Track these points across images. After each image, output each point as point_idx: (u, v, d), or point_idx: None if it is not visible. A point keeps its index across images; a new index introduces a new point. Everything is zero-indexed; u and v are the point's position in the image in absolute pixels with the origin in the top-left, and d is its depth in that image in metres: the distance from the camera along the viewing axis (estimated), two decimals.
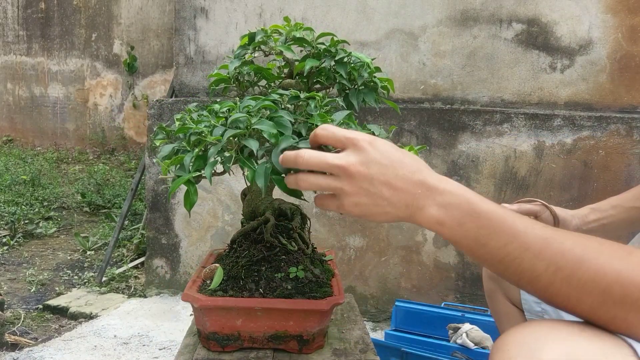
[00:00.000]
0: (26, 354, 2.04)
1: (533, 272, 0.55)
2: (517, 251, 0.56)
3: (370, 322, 2.44)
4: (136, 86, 5.57)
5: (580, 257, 0.53)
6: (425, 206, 0.61)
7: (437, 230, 0.61)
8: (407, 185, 0.63)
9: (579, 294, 0.52)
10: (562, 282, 0.53)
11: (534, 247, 0.55)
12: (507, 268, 0.57)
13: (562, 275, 0.53)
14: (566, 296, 0.53)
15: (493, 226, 0.58)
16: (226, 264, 1.02)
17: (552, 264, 0.54)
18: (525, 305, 1.05)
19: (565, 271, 0.53)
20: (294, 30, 1.02)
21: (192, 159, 0.79)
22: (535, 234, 0.56)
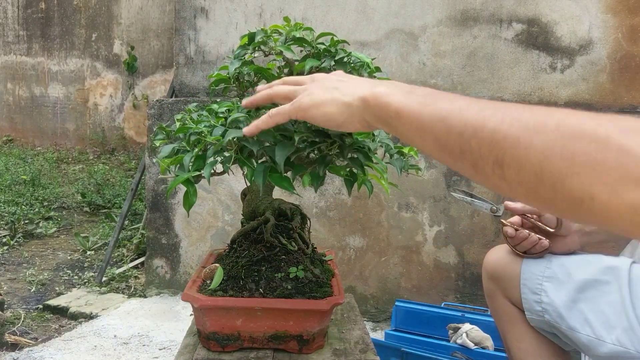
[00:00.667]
0: (26, 354, 2.04)
1: (479, 120, 0.51)
2: (463, 102, 0.54)
3: (370, 322, 2.44)
4: (136, 86, 5.57)
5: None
6: (372, 87, 0.64)
7: (383, 102, 0.62)
8: (358, 79, 0.70)
9: (529, 133, 0.47)
10: (511, 123, 0.49)
11: (479, 103, 0.53)
12: (450, 124, 0.54)
13: (512, 116, 0.50)
14: (515, 138, 0.48)
15: (437, 92, 0.59)
16: (226, 264, 1.02)
17: (499, 109, 0.51)
18: (526, 305, 1.05)
19: (513, 112, 0.50)
20: (294, 30, 1.02)
21: (191, 158, 0.79)
22: (479, 105, 0.54)
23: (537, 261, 1.06)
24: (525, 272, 1.06)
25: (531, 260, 1.07)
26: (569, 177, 0.43)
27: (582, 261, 1.02)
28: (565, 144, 0.44)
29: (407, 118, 0.58)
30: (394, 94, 0.61)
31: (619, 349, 0.90)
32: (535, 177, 0.45)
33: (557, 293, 1.00)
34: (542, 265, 1.05)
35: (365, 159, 0.79)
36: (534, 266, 1.05)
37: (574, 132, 0.44)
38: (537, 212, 1.05)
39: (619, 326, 0.90)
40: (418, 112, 0.58)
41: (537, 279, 1.04)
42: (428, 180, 2.39)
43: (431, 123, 0.56)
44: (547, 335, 1.06)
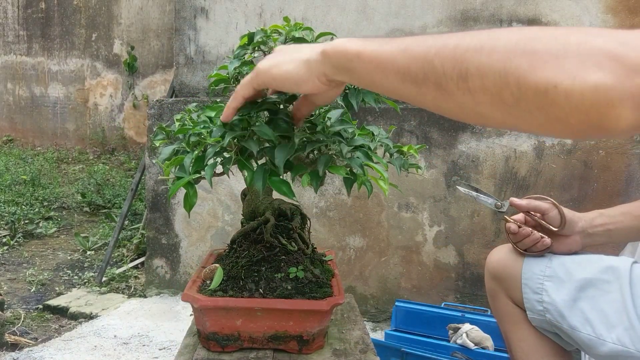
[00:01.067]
0: (26, 354, 2.04)
1: (441, 41, 0.51)
2: (420, 37, 0.54)
3: (370, 322, 2.44)
4: (136, 86, 5.57)
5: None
6: (329, 42, 0.64)
7: (342, 48, 0.61)
8: (314, 44, 0.69)
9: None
10: (472, 36, 0.49)
11: (436, 35, 0.53)
12: (412, 52, 0.54)
13: (471, 33, 0.50)
14: (478, 47, 0.47)
15: (388, 40, 0.58)
16: (226, 264, 1.02)
17: (456, 33, 0.51)
18: (527, 304, 1.06)
19: (472, 32, 0.50)
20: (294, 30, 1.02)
21: (191, 160, 0.79)
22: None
23: (538, 260, 1.06)
24: (526, 271, 1.06)
25: (532, 260, 1.07)
26: (532, 71, 0.43)
27: (583, 260, 1.02)
28: (527, 43, 0.44)
29: (368, 57, 0.58)
30: (352, 41, 0.61)
31: (619, 348, 0.90)
32: (500, 79, 0.45)
33: (558, 292, 1.00)
34: (543, 265, 1.05)
35: (365, 158, 0.79)
36: (535, 266, 1.05)
37: (535, 34, 0.45)
38: (544, 211, 1.05)
39: (619, 325, 0.91)
40: (378, 50, 0.57)
41: (538, 279, 1.04)
42: (428, 180, 2.39)
43: (392, 55, 0.55)
44: (548, 334, 1.07)
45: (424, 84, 0.52)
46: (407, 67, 0.53)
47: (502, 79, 0.45)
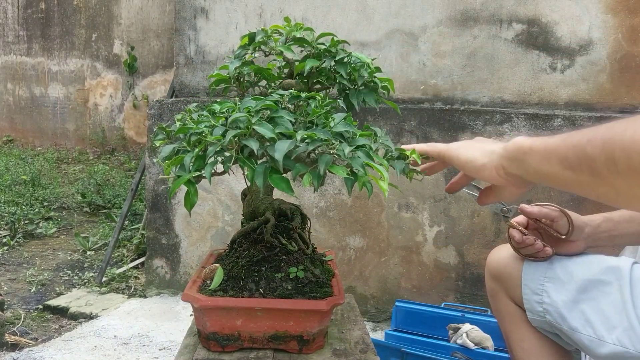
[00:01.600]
0: (26, 354, 2.04)
1: (591, 130, 0.55)
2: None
3: (370, 322, 2.44)
4: (136, 86, 5.57)
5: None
6: (510, 142, 0.73)
7: (520, 143, 0.70)
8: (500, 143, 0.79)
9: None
10: (615, 124, 0.52)
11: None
12: (570, 141, 0.59)
13: (617, 124, 0.53)
14: (621, 130, 0.51)
15: (550, 145, 0.65)
16: (226, 264, 1.02)
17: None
18: (527, 305, 1.05)
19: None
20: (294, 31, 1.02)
21: (192, 159, 0.79)
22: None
23: (538, 262, 1.05)
24: (526, 272, 1.06)
25: (533, 261, 1.07)
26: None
27: (583, 261, 1.02)
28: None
29: (537, 148, 0.66)
30: (529, 138, 0.69)
31: (619, 349, 0.90)
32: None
33: (558, 293, 1.00)
34: (544, 266, 1.05)
35: (366, 158, 0.79)
36: (536, 266, 1.05)
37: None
38: (553, 218, 1.04)
39: (619, 326, 0.91)
40: (545, 142, 0.65)
41: (538, 280, 1.04)
42: (428, 180, 2.39)
43: (555, 145, 0.62)
44: (549, 335, 1.06)
45: (579, 170, 0.57)
46: (566, 155, 0.59)
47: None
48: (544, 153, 0.65)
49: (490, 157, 0.76)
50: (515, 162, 0.71)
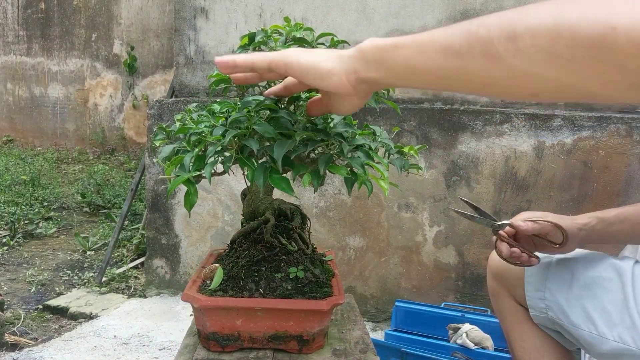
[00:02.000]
0: (26, 354, 2.04)
1: (483, 17, 0.50)
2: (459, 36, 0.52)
3: (370, 322, 2.44)
4: (136, 86, 5.57)
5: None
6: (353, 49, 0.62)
7: (379, 42, 0.59)
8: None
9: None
10: (513, 6, 0.50)
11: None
12: (453, 31, 0.52)
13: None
14: (524, 10, 0.46)
15: (421, 38, 0.56)
16: (226, 264, 1.02)
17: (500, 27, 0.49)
18: (530, 302, 1.06)
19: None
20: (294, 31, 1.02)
21: (192, 159, 0.79)
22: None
23: (540, 259, 1.06)
24: (529, 269, 1.07)
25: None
26: (585, 19, 0.42)
27: (585, 259, 1.03)
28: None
29: (405, 43, 0.57)
30: (387, 38, 0.59)
31: (620, 346, 0.90)
32: (552, 34, 0.44)
33: (560, 290, 1.01)
34: (546, 263, 1.05)
35: (366, 158, 0.79)
36: (538, 264, 1.05)
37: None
38: (544, 233, 1.03)
39: (621, 323, 0.91)
40: (414, 37, 0.56)
41: (540, 277, 1.04)
42: (428, 180, 2.39)
43: (430, 37, 0.54)
44: (550, 333, 1.07)
45: (469, 55, 0.50)
46: (449, 43, 0.52)
47: (554, 33, 0.43)
48: (415, 47, 0.55)
49: (338, 61, 0.63)
50: (374, 64, 0.60)
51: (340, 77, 0.63)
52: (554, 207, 2.27)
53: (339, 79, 0.63)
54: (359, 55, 0.62)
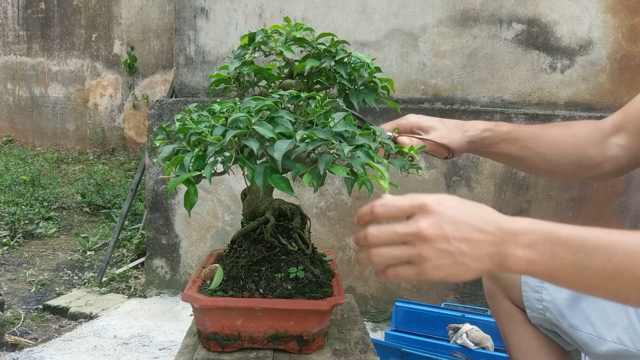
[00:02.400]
0: (26, 354, 2.04)
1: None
2: (625, 259, 0.54)
3: (370, 322, 2.44)
4: (136, 86, 5.57)
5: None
6: (510, 251, 0.60)
7: (530, 271, 0.60)
8: (485, 236, 0.61)
9: None
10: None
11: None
12: (621, 282, 0.55)
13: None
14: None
15: (588, 245, 0.57)
16: (226, 264, 1.02)
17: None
18: (527, 303, 1.06)
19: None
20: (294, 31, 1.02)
21: (192, 159, 0.79)
22: (635, 236, 0.55)
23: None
24: None
25: None
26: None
27: None
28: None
29: (559, 283, 0.60)
30: (539, 262, 0.59)
31: (619, 347, 0.90)
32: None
33: (558, 291, 1.00)
34: None
35: (366, 158, 0.79)
36: None
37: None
38: (428, 150, 0.97)
39: (619, 324, 0.91)
40: (572, 280, 0.59)
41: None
42: (428, 180, 2.39)
43: (591, 286, 0.58)
44: (548, 333, 1.07)
45: (620, 281, 0.56)
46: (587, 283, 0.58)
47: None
48: (550, 276, 0.59)
49: (477, 273, 0.62)
50: (541, 254, 0.59)
51: (503, 270, 0.63)
52: (554, 207, 2.27)
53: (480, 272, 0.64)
54: (495, 270, 0.62)
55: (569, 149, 0.99)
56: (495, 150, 1.01)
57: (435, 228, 0.62)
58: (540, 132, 1.01)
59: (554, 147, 0.99)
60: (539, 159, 1.00)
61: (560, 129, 1.04)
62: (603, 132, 1.00)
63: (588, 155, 0.99)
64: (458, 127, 1.00)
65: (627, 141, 0.99)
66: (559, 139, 1.00)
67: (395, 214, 0.67)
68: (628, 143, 0.98)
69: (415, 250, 0.63)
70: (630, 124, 0.99)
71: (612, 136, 1.00)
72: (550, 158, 0.99)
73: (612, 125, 1.01)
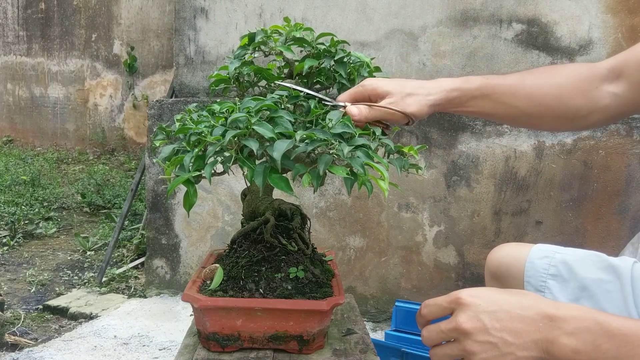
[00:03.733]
0: (26, 354, 2.04)
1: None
2: None
3: (370, 322, 2.44)
4: (136, 86, 5.57)
5: None
6: (555, 338, 0.60)
7: (574, 359, 0.59)
8: (527, 324, 0.61)
9: None
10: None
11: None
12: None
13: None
14: None
15: (632, 341, 0.57)
16: (226, 264, 1.02)
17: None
18: None
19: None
20: (294, 31, 1.02)
21: (191, 159, 0.79)
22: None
23: (540, 258, 1.05)
24: (528, 269, 1.06)
25: (534, 258, 1.06)
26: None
27: (585, 260, 1.02)
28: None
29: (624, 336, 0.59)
30: (583, 352, 0.59)
31: None
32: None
33: (561, 291, 1.00)
34: (546, 263, 1.05)
35: (366, 158, 0.79)
36: (538, 264, 1.05)
37: None
38: (383, 119, 0.89)
39: None
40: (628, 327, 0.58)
41: (540, 277, 1.04)
42: (428, 180, 2.39)
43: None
44: None
45: None
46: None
47: None
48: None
49: (540, 348, 0.61)
50: (585, 344, 0.59)
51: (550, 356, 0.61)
52: (554, 207, 2.27)
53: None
54: (554, 351, 0.60)
55: (552, 101, 0.90)
56: (465, 109, 0.93)
57: (472, 321, 0.63)
58: (517, 84, 0.92)
59: (533, 100, 0.90)
60: (516, 113, 0.91)
61: (543, 77, 0.93)
62: (595, 78, 0.90)
63: (574, 106, 0.89)
64: (419, 90, 0.90)
65: (624, 90, 0.88)
66: (540, 91, 0.90)
67: (439, 312, 0.69)
68: (625, 92, 0.88)
69: (461, 346, 0.64)
70: (632, 71, 0.87)
71: (606, 83, 0.89)
72: (529, 112, 0.91)
73: (608, 71, 0.90)
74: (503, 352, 0.61)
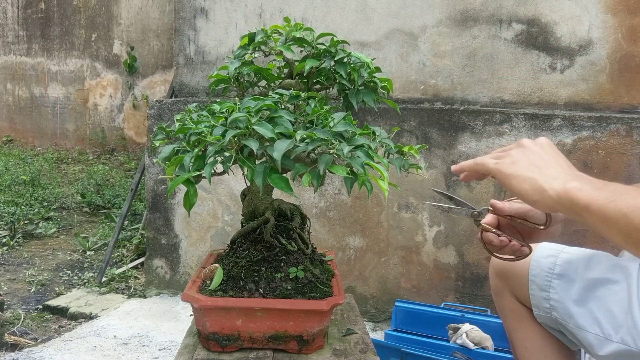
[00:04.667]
0: (26, 354, 2.04)
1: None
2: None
3: (370, 322, 2.44)
4: (136, 86, 5.57)
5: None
6: (566, 182, 0.73)
7: (575, 195, 0.71)
8: (558, 165, 0.77)
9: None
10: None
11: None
12: (632, 220, 0.64)
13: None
14: None
15: (623, 187, 0.70)
16: (226, 264, 1.02)
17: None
18: (534, 301, 1.05)
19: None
20: (294, 31, 1.02)
21: (192, 159, 0.79)
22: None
23: (545, 257, 1.05)
24: (533, 268, 1.05)
25: (540, 257, 1.06)
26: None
27: (591, 259, 1.02)
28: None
29: (595, 212, 0.69)
30: (584, 190, 0.71)
31: (622, 347, 0.90)
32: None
33: (566, 291, 1.00)
34: (551, 262, 1.04)
35: (366, 158, 0.79)
36: (543, 263, 1.04)
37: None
38: (524, 212, 0.94)
39: (624, 325, 0.90)
40: (604, 207, 0.68)
41: (545, 276, 1.03)
42: (428, 180, 2.39)
43: (615, 217, 0.66)
44: (553, 332, 1.06)
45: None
46: (629, 232, 0.65)
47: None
48: (603, 219, 0.68)
49: (542, 196, 0.75)
50: (571, 213, 0.73)
51: (544, 208, 0.79)
52: None
53: (543, 209, 0.80)
54: (559, 201, 0.74)
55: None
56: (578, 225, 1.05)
57: (531, 143, 0.81)
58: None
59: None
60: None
61: None
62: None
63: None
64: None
65: None
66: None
67: (499, 151, 0.85)
68: None
69: (509, 149, 0.82)
70: None
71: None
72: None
73: None
74: (529, 168, 0.78)
